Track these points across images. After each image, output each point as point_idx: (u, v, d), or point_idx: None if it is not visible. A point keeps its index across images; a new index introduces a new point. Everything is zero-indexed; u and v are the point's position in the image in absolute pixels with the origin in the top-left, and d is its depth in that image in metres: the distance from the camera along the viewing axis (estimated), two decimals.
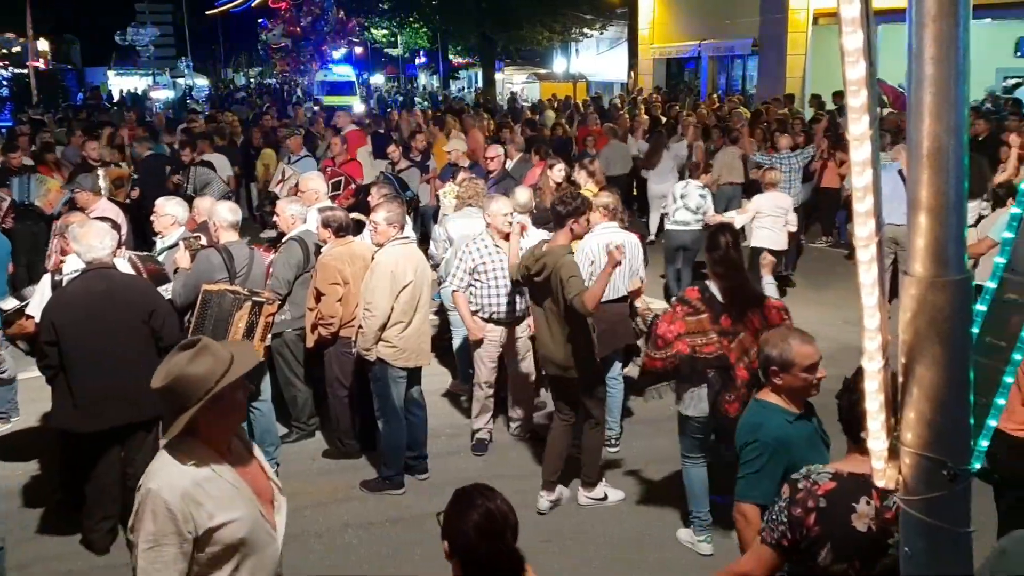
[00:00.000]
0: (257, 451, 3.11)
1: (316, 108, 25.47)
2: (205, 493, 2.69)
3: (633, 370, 7.08)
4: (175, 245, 6.40)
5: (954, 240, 1.41)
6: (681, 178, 10.73)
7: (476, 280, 6.39)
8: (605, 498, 5.86)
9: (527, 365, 6.70)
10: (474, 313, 6.48)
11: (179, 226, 6.69)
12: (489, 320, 6.46)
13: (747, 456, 3.47)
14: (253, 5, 34.76)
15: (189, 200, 7.69)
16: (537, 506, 5.77)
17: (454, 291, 6.54)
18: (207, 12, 42.35)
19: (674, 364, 4.88)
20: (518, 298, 6.42)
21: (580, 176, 8.92)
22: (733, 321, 4.79)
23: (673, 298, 5.13)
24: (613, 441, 6.58)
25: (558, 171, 9.56)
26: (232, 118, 18.43)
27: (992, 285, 1.58)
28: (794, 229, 10.06)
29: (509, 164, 11.12)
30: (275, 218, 6.90)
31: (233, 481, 2.79)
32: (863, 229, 1.44)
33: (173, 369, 2.73)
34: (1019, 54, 22.18)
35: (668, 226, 9.88)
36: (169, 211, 6.67)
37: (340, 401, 6.46)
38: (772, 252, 8.39)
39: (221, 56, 57.78)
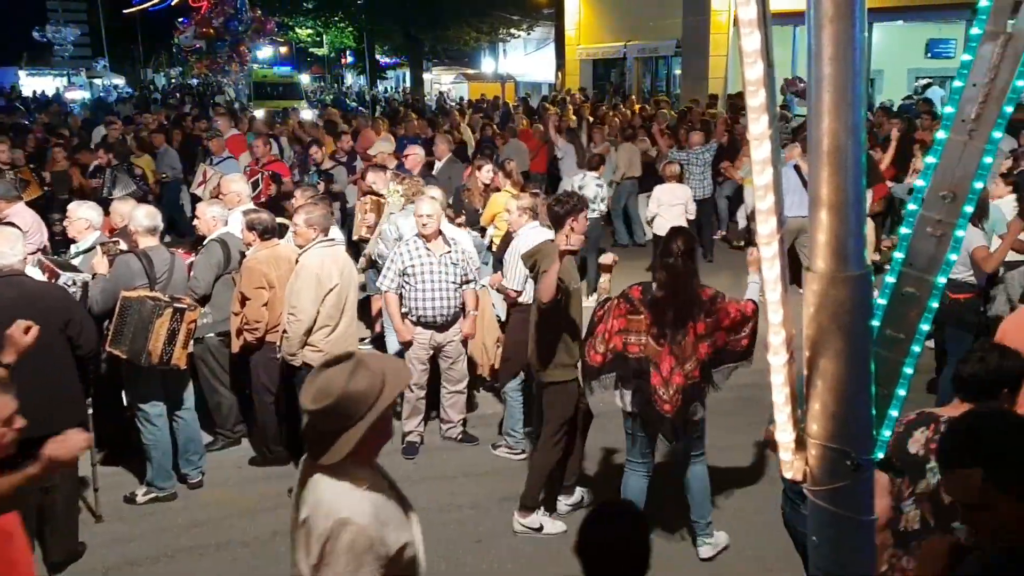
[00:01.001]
0: None
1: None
2: (387, 515, 2.53)
3: None
4: (91, 249, 6.21)
5: (854, 236, 1.45)
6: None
7: (406, 282, 6.35)
8: (540, 529, 5.50)
9: (460, 368, 6.68)
10: (404, 316, 6.44)
11: (94, 230, 6.49)
12: (418, 323, 6.42)
13: None
14: (173, 4, 33.79)
15: (107, 203, 7.47)
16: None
17: (385, 292, 6.49)
18: (124, 11, 41.03)
19: (611, 359, 4.90)
20: (449, 301, 6.39)
21: (498, 177, 9.01)
22: (672, 326, 4.76)
23: (618, 294, 5.08)
24: (520, 451, 6.59)
25: (486, 172, 9.59)
26: (151, 119, 17.95)
27: (891, 280, 1.63)
28: (692, 217, 10.58)
29: (438, 165, 11.14)
30: (195, 221, 6.76)
31: (396, 500, 2.64)
32: (765, 226, 1.47)
33: (334, 387, 2.50)
34: (929, 55, 23.01)
35: None
36: (82, 215, 6.46)
37: (267, 407, 6.35)
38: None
39: (139, 56, 56.30)
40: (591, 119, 17.97)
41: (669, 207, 10.36)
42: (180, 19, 32.70)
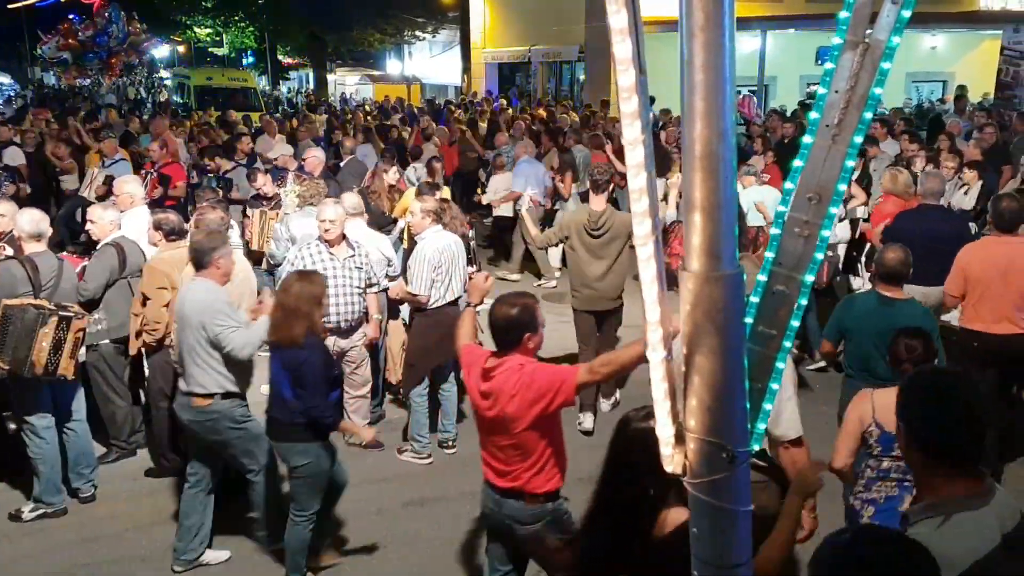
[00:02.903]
0: None
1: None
2: None
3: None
4: None
5: (726, 236, 1.50)
6: None
7: None
8: (617, 404, 7.34)
9: (363, 372, 6.61)
10: None
11: None
12: None
13: None
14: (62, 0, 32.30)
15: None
16: (583, 427, 6.96)
17: None
18: (9, 6, 39.07)
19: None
20: (353, 307, 6.32)
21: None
22: None
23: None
24: (450, 443, 6.64)
25: (392, 174, 9.61)
26: (34, 121, 17.12)
27: (763, 278, 1.70)
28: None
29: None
30: (89, 224, 6.54)
31: None
32: (641, 228, 1.51)
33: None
34: (820, 62, 23.92)
35: None
36: None
37: (162, 414, 6.17)
38: (503, 219, 12.07)
39: (27, 53, 53.78)
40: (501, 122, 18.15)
41: (503, 191, 11.94)
42: (71, 15, 31.29)
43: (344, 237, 6.37)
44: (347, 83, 42.79)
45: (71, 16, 29.21)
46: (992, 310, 5.73)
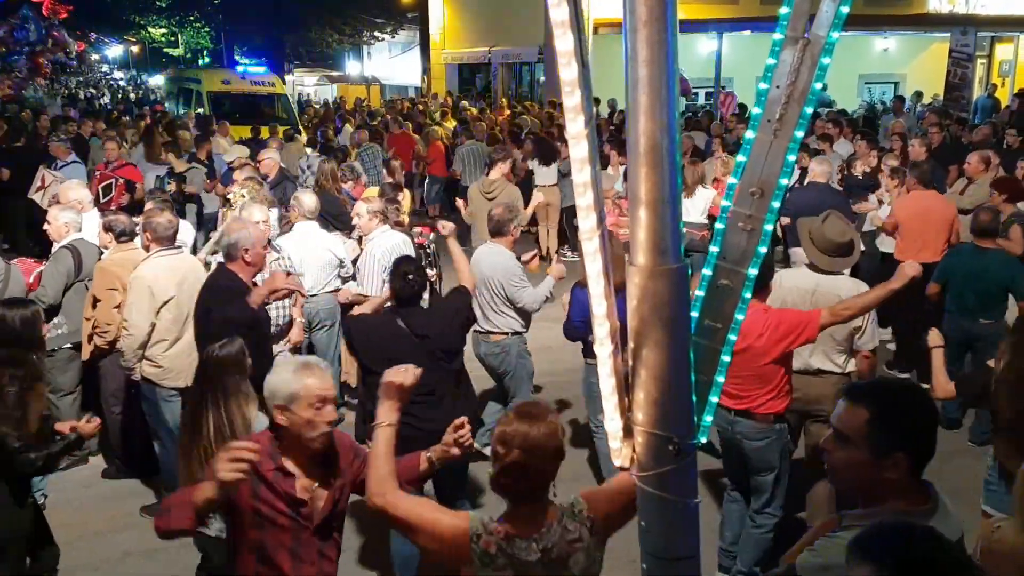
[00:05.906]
0: None
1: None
2: None
3: None
4: None
5: (671, 231, 1.51)
6: None
7: None
8: None
9: None
10: None
11: None
12: None
13: None
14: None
15: None
16: None
17: None
18: None
19: None
20: (282, 311, 6.24)
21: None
22: None
23: None
24: None
25: None
26: None
27: (708, 272, 1.72)
28: None
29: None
30: (46, 226, 6.43)
31: None
32: (586, 222, 1.52)
33: (848, 229, 5.12)
34: None
35: None
36: None
37: (114, 419, 6.06)
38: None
39: None
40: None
41: None
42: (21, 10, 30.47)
43: (268, 241, 6.30)
44: (305, 84, 42.41)
45: None
46: (914, 244, 7.44)
